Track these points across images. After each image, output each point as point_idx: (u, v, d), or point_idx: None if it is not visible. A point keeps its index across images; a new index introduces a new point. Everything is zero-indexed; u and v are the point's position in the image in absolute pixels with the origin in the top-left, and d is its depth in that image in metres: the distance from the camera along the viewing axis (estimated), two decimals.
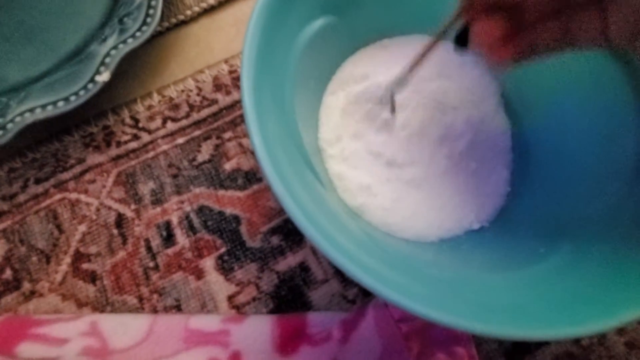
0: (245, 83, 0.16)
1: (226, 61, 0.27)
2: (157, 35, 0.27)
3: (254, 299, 0.21)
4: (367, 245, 0.17)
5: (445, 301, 0.14)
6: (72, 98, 0.22)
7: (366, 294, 0.21)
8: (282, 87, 0.19)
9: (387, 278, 0.14)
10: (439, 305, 0.13)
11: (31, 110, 0.22)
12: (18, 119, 0.22)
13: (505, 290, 0.16)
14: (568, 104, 0.21)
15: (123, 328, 0.19)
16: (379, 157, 0.21)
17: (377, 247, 0.18)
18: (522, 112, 0.23)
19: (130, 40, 0.23)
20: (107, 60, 0.23)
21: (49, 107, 0.22)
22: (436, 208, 0.20)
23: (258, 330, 0.19)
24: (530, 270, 0.16)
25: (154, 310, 0.21)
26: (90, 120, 0.25)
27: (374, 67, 0.23)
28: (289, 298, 0.21)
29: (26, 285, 0.21)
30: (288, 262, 0.22)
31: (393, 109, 0.21)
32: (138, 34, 0.23)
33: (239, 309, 0.21)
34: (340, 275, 0.22)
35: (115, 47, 0.23)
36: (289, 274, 0.22)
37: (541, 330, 0.13)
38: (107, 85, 0.26)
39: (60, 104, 0.22)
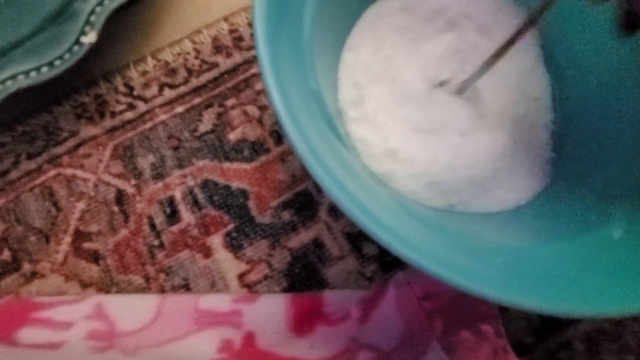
0: (260, 34, 0.14)
1: (226, 19, 0.24)
2: None
3: (265, 278, 0.20)
4: (398, 214, 0.16)
5: (490, 274, 0.13)
6: (57, 62, 0.20)
7: (385, 271, 0.20)
8: (300, 40, 0.17)
9: (425, 249, 0.13)
10: (484, 280, 0.12)
11: (13, 77, 0.20)
12: (2, 87, 0.20)
13: (552, 262, 0.14)
14: (618, 58, 0.18)
15: (130, 310, 0.18)
16: (408, 120, 0.19)
17: (409, 216, 0.16)
18: (565, 66, 0.20)
19: None
20: (93, 18, 0.21)
21: (33, 74, 0.20)
22: (470, 175, 0.18)
23: (272, 310, 0.18)
24: (581, 240, 0.15)
25: (162, 290, 0.20)
26: (80, 88, 0.23)
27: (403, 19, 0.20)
28: (302, 276, 0.20)
29: (26, 267, 0.20)
30: (301, 238, 0.21)
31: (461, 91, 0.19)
32: None
33: (250, 288, 0.20)
34: (357, 251, 0.20)
35: (100, 4, 0.21)
36: (302, 250, 0.20)
37: (592, 305, 0.12)
38: (97, 50, 0.23)
39: (45, 69, 0.20)
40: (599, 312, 0.12)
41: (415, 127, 0.20)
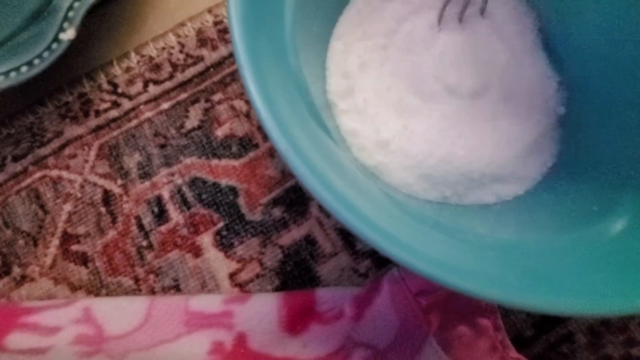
0: (236, 29, 0.13)
1: (210, 11, 0.24)
2: None
3: (257, 276, 0.20)
4: (390, 210, 0.15)
5: (486, 274, 0.12)
6: (36, 61, 0.19)
7: (379, 266, 0.20)
8: (281, 31, 0.16)
9: (417, 249, 0.12)
10: (480, 280, 0.11)
11: None
12: None
13: (552, 257, 0.14)
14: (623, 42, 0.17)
15: (119, 313, 0.17)
16: (401, 110, 0.18)
17: (402, 211, 0.16)
18: (565, 52, 0.19)
19: None
20: (71, 14, 0.20)
21: (12, 74, 0.19)
22: (467, 169, 0.18)
23: (263, 309, 0.17)
24: (582, 232, 0.14)
25: (152, 292, 0.19)
26: (64, 88, 0.22)
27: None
28: (295, 274, 0.20)
29: (16, 270, 0.20)
30: (292, 235, 0.20)
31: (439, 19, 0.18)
32: None
33: (242, 287, 0.19)
34: (350, 247, 0.20)
35: None
36: (294, 248, 0.20)
37: (594, 304, 0.11)
38: (79, 47, 0.23)
39: (24, 69, 0.19)
40: (602, 311, 0.12)
41: (409, 118, 0.19)
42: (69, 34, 0.20)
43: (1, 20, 0.23)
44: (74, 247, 0.20)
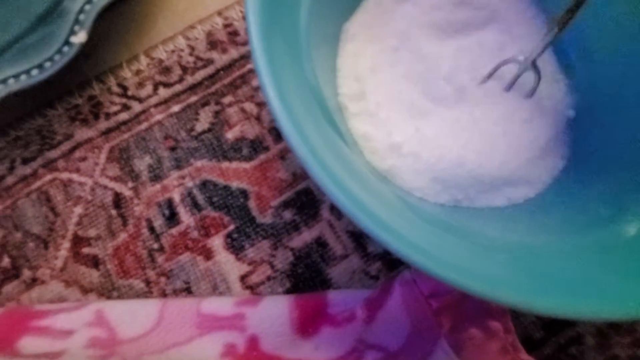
0: (254, 27, 0.13)
1: (220, 14, 0.24)
2: None
3: (268, 279, 0.20)
4: (402, 212, 0.15)
5: (498, 277, 0.12)
6: (47, 64, 0.19)
7: (390, 269, 0.20)
8: (296, 32, 0.16)
9: (429, 251, 0.12)
10: (493, 282, 0.12)
11: (3, 81, 0.19)
12: None
13: (563, 261, 0.14)
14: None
15: (131, 315, 0.17)
16: (414, 114, 0.18)
17: (414, 214, 0.16)
18: (575, 55, 0.19)
19: None
20: (82, 17, 0.20)
21: (23, 77, 0.19)
22: (479, 172, 0.18)
23: (275, 312, 0.18)
24: (592, 236, 0.14)
25: (163, 294, 0.19)
26: (73, 90, 0.22)
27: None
28: (306, 276, 0.20)
29: (26, 273, 0.20)
30: (303, 237, 0.20)
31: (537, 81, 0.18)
32: None
33: (253, 290, 0.19)
34: (361, 249, 0.20)
35: (89, 2, 0.20)
36: (305, 250, 0.20)
37: (604, 307, 0.12)
38: (89, 50, 0.23)
39: (35, 72, 0.19)
40: (610, 315, 0.12)
41: (421, 122, 0.19)
42: (80, 37, 0.20)
43: (10, 21, 0.23)
44: (85, 250, 0.20)
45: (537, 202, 0.18)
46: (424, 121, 0.19)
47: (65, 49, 0.20)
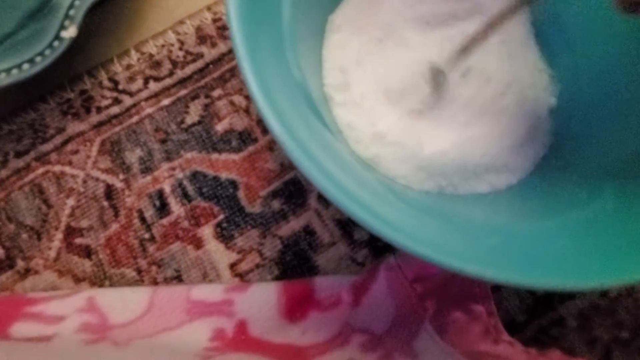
0: (235, 24, 0.14)
1: (209, 8, 0.24)
2: None
3: (257, 266, 0.20)
4: (387, 198, 0.16)
5: (479, 254, 0.13)
6: (38, 59, 0.20)
7: (376, 255, 0.20)
8: (279, 24, 0.16)
9: (414, 233, 0.13)
10: (474, 259, 0.12)
11: None
12: None
13: (543, 240, 0.14)
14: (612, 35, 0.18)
15: (122, 302, 0.18)
16: (397, 104, 0.19)
17: (398, 199, 0.16)
18: (557, 46, 0.20)
19: None
20: (72, 12, 0.20)
21: (14, 71, 0.20)
22: (461, 161, 0.18)
23: (263, 297, 0.18)
24: (571, 216, 0.15)
25: (154, 282, 0.20)
26: (65, 85, 0.23)
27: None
28: (294, 263, 0.20)
29: (20, 264, 0.20)
30: (291, 226, 0.21)
31: (437, 88, 0.19)
32: None
33: (242, 277, 0.20)
34: (347, 237, 0.20)
35: None
36: (293, 238, 0.20)
37: (580, 280, 0.12)
38: (80, 45, 0.23)
39: (26, 66, 0.20)
40: (586, 285, 0.12)
41: (404, 111, 0.19)
42: (70, 32, 0.20)
43: (0, 18, 0.23)
44: (78, 240, 0.21)
45: (519, 188, 0.19)
46: (407, 111, 0.19)
47: (56, 43, 0.20)
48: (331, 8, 0.20)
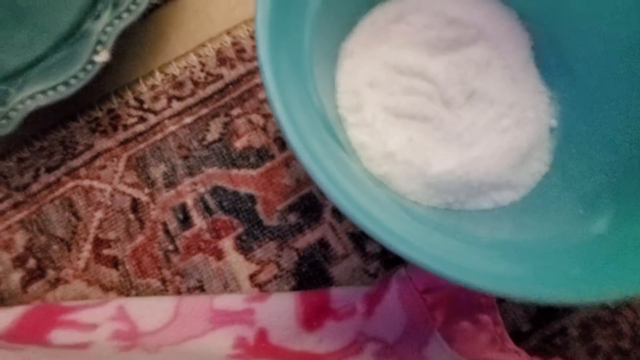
0: (262, 46, 0.15)
1: (228, 32, 0.26)
2: (153, 9, 0.26)
3: (275, 277, 0.21)
4: (397, 214, 0.17)
5: (482, 268, 0.14)
6: (73, 81, 0.21)
7: (387, 267, 0.21)
8: (300, 50, 0.18)
9: (423, 247, 0.14)
10: (477, 273, 0.13)
11: (32, 97, 0.21)
12: (20, 106, 0.21)
13: (542, 254, 0.15)
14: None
15: (150, 311, 0.19)
16: (406, 125, 0.20)
17: (408, 215, 0.18)
18: (556, 69, 0.21)
19: (125, 14, 0.22)
20: (104, 38, 0.22)
21: (50, 92, 0.21)
22: (467, 179, 0.19)
23: (282, 307, 0.19)
24: (570, 233, 0.16)
25: (178, 292, 0.21)
26: (94, 104, 0.24)
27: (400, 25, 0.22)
28: (310, 275, 0.21)
29: (51, 273, 0.22)
30: (307, 239, 0.22)
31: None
32: (133, 7, 0.22)
33: (261, 287, 0.21)
34: (360, 249, 0.22)
35: (110, 24, 0.22)
36: (308, 250, 0.22)
37: (580, 294, 0.13)
38: (108, 67, 0.24)
39: (61, 88, 0.21)
40: (584, 299, 0.13)
41: (413, 132, 0.21)
42: (102, 56, 0.22)
43: (33, 41, 0.25)
44: (105, 251, 0.22)
45: (522, 204, 0.20)
46: (417, 131, 0.21)
47: (89, 67, 0.22)
48: (344, 35, 0.22)
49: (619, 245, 0.15)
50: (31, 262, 0.22)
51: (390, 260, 0.21)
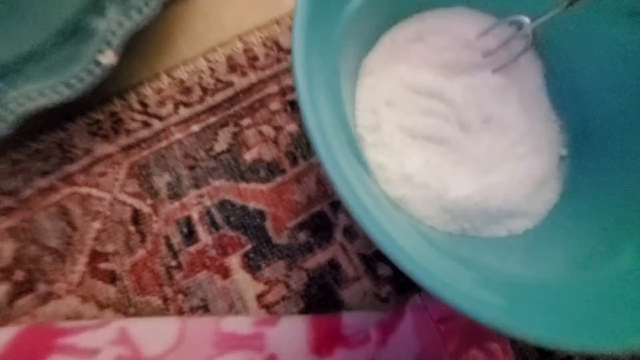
0: (297, 54, 0.15)
1: (240, 38, 0.25)
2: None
3: (283, 298, 0.20)
4: (416, 239, 0.17)
5: (497, 307, 0.14)
6: (73, 81, 0.20)
7: (400, 292, 0.21)
8: (332, 66, 0.17)
9: (443, 279, 0.13)
10: (488, 308, 0.13)
11: (29, 96, 0.20)
12: (15, 106, 0.20)
13: (560, 295, 0.15)
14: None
15: (153, 334, 0.18)
16: (423, 147, 0.20)
17: (426, 241, 0.17)
18: (567, 99, 0.21)
19: (135, 14, 0.21)
20: (110, 38, 0.20)
21: (48, 92, 0.20)
22: (484, 206, 0.19)
23: (292, 332, 0.18)
24: (591, 272, 0.16)
25: (180, 311, 0.20)
26: (95, 106, 0.23)
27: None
28: (319, 297, 0.21)
29: (42, 287, 0.20)
30: (317, 259, 0.21)
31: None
32: (144, 8, 0.21)
33: (269, 309, 0.20)
34: (371, 272, 0.21)
35: (118, 23, 0.21)
36: (318, 271, 0.21)
37: (595, 342, 0.13)
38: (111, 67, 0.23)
39: (61, 88, 0.20)
40: (601, 349, 0.13)
41: (430, 154, 0.20)
42: (109, 58, 0.20)
43: (29, 33, 0.23)
44: (103, 265, 0.21)
45: (535, 234, 0.20)
46: (434, 154, 0.20)
47: (93, 67, 0.20)
48: (365, 52, 0.21)
49: None
50: (19, 274, 0.20)
51: (402, 285, 0.21)
